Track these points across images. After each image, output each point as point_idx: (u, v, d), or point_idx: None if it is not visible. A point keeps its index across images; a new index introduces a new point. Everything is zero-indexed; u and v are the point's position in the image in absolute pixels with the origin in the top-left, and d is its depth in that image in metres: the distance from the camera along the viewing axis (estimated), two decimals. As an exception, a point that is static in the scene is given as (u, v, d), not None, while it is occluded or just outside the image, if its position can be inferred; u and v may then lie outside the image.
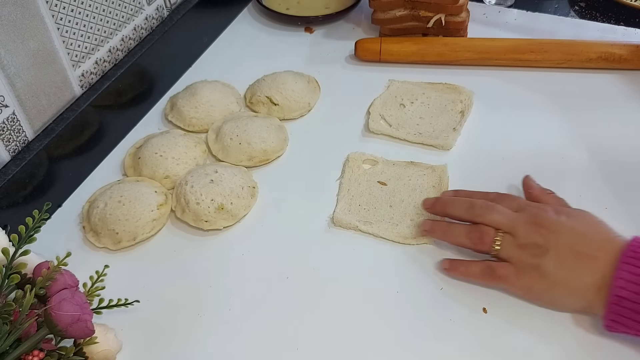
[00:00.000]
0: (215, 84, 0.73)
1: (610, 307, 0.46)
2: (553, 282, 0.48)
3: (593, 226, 0.50)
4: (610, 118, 0.69)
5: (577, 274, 0.48)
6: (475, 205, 0.53)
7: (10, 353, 0.40)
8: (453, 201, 0.56)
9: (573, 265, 0.48)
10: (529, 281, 0.49)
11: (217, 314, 0.53)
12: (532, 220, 0.50)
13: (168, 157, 0.63)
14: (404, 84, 0.74)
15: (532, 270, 0.49)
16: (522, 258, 0.49)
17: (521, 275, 0.49)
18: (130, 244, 0.58)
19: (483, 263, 0.52)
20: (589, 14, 0.88)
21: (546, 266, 0.48)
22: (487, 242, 0.51)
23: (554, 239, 0.49)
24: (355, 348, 0.50)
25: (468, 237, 0.52)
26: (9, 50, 0.55)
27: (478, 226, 0.52)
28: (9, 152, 0.58)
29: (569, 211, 0.52)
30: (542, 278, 0.49)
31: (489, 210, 0.52)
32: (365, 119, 0.71)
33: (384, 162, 0.65)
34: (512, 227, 0.51)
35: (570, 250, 0.48)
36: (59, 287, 0.44)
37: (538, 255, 0.49)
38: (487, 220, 0.52)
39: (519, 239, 0.50)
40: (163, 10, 0.76)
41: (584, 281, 0.47)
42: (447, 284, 0.54)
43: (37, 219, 0.44)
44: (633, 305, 0.45)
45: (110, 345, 0.47)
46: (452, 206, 0.55)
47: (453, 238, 0.54)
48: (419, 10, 0.77)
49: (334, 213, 0.60)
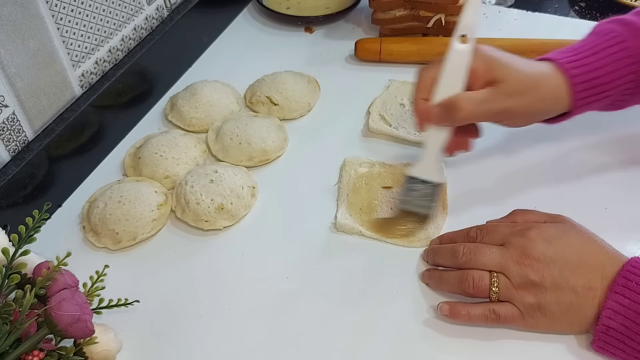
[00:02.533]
0: (215, 84, 0.73)
1: (598, 335, 0.47)
2: (557, 319, 0.48)
3: (585, 250, 0.50)
4: (610, 118, 0.69)
5: (578, 309, 0.48)
6: (458, 252, 0.52)
7: (10, 353, 0.40)
8: (439, 250, 0.55)
9: (574, 301, 0.48)
10: (534, 321, 0.49)
11: (217, 314, 0.53)
12: (521, 254, 0.49)
13: (168, 157, 0.63)
14: (404, 84, 0.74)
15: (535, 310, 0.48)
16: (522, 300, 0.48)
17: (526, 317, 0.49)
18: (130, 244, 0.58)
19: (485, 307, 0.50)
20: (589, 14, 0.88)
21: (548, 307, 0.48)
22: (483, 288, 0.49)
23: (549, 274, 0.48)
24: (355, 348, 0.50)
25: (460, 286, 0.50)
26: (9, 50, 0.55)
27: (469, 272, 0.50)
28: (9, 152, 0.58)
29: (556, 234, 0.51)
30: (546, 316, 0.48)
31: (474, 254, 0.51)
32: (365, 119, 0.71)
33: (380, 165, 0.65)
34: (502, 267, 0.49)
35: (568, 285, 0.48)
36: (59, 287, 0.44)
37: (537, 294, 0.48)
38: (475, 266, 0.50)
39: (513, 279, 0.49)
40: (163, 10, 0.76)
41: (586, 314, 0.48)
42: (447, 284, 0.54)
43: (37, 219, 0.44)
44: (618, 335, 0.46)
45: (110, 345, 0.47)
46: (439, 256, 0.54)
47: (447, 287, 0.52)
48: (419, 10, 0.77)
49: (335, 219, 0.59)
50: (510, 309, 0.49)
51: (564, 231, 0.51)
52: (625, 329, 0.45)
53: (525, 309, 0.48)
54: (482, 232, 0.54)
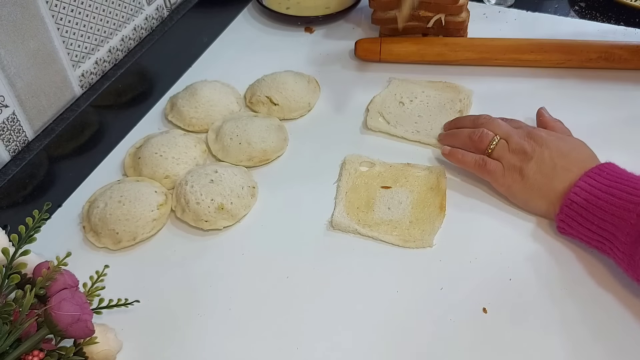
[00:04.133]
0: (215, 84, 0.73)
1: (562, 209, 0.54)
2: (530, 185, 0.57)
3: (578, 149, 0.58)
4: (610, 118, 0.69)
5: (550, 180, 0.56)
6: (480, 117, 0.63)
7: (10, 353, 0.40)
8: (463, 117, 0.67)
9: (550, 173, 0.56)
10: (511, 181, 0.58)
11: (217, 314, 0.53)
12: (526, 134, 0.60)
13: (168, 157, 0.63)
14: (404, 82, 0.74)
15: (515, 172, 0.58)
16: (510, 160, 0.58)
17: (506, 174, 0.58)
18: (130, 244, 0.58)
19: (478, 155, 0.60)
20: (589, 14, 0.88)
21: (527, 170, 0.57)
22: (484, 141, 0.60)
23: (539, 150, 0.57)
24: (355, 348, 0.50)
25: (470, 136, 0.61)
26: (9, 50, 0.55)
27: (480, 129, 0.61)
28: (9, 152, 0.58)
29: (562, 136, 0.60)
30: (522, 180, 0.57)
31: (491, 120, 0.62)
32: (364, 117, 0.71)
33: (380, 164, 0.65)
34: (507, 135, 0.60)
35: (551, 161, 0.56)
36: (59, 287, 0.44)
37: (523, 160, 0.57)
38: (488, 127, 0.61)
39: (511, 145, 0.59)
40: (163, 10, 0.76)
41: (555, 187, 0.55)
42: (447, 284, 0.54)
43: (37, 219, 0.44)
44: (580, 210, 0.53)
45: (110, 345, 0.47)
46: (461, 120, 0.66)
47: (459, 140, 0.63)
48: (419, 10, 0.77)
49: (332, 217, 0.59)
50: (497, 164, 0.59)
51: (567, 135, 0.62)
52: (586, 203, 0.52)
53: (509, 167, 0.58)
54: (505, 119, 0.64)
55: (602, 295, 0.52)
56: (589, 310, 0.51)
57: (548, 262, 0.55)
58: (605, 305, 0.51)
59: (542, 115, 0.66)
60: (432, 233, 0.58)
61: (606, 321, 0.50)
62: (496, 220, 0.59)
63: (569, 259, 0.55)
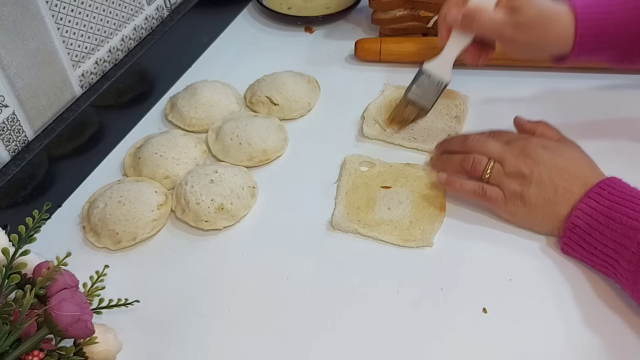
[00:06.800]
0: (215, 84, 0.73)
1: (565, 232, 0.53)
2: (534, 210, 0.55)
3: (575, 161, 0.56)
4: (610, 118, 0.69)
5: (553, 205, 0.54)
6: (468, 138, 0.60)
7: (10, 353, 0.40)
8: (452, 139, 0.64)
9: (552, 198, 0.54)
10: (514, 208, 0.56)
11: (217, 314, 0.53)
12: (519, 151, 0.57)
13: (168, 157, 0.63)
14: (399, 89, 0.74)
15: (517, 198, 0.56)
16: (509, 186, 0.56)
17: (508, 201, 0.56)
18: (130, 244, 0.58)
19: (477, 183, 0.58)
20: (589, 14, 0.87)
21: (529, 197, 0.55)
22: (478, 169, 0.58)
23: (537, 171, 0.55)
24: (355, 348, 0.50)
25: (462, 164, 0.59)
26: (9, 50, 0.55)
27: (471, 154, 0.58)
28: (9, 152, 0.58)
29: (555, 145, 0.58)
30: (524, 206, 0.55)
31: (481, 142, 0.59)
32: (360, 124, 0.71)
33: (381, 164, 0.65)
34: (501, 157, 0.57)
35: (551, 183, 0.54)
36: (59, 287, 0.44)
37: (523, 185, 0.55)
38: (479, 151, 0.58)
39: (507, 168, 0.56)
40: (163, 10, 0.76)
41: (558, 211, 0.54)
42: (447, 284, 0.54)
43: (37, 219, 0.44)
44: (583, 234, 0.52)
45: (110, 345, 0.47)
46: (450, 143, 0.63)
47: (451, 166, 0.60)
48: (419, 10, 0.77)
49: (332, 217, 0.59)
50: (497, 191, 0.57)
51: (562, 144, 0.59)
52: (589, 227, 0.51)
53: (509, 194, 0.56)
54: (494, 133, 0.62)
55: (603, 295, 0.52)
56: (589, 310, 0.51)
57: (548, 262, 0.55)
58: (606, 305, 0.51)
59: (522, 125, 0.63)
60: (432, 233, 0.58)
61: (606, 321, 0.50)
62: (496, 220, 0.59)
63: (569, 259, 0.55)
